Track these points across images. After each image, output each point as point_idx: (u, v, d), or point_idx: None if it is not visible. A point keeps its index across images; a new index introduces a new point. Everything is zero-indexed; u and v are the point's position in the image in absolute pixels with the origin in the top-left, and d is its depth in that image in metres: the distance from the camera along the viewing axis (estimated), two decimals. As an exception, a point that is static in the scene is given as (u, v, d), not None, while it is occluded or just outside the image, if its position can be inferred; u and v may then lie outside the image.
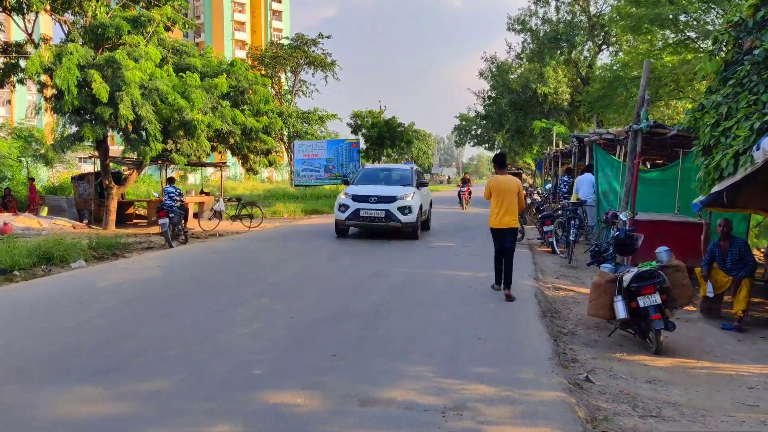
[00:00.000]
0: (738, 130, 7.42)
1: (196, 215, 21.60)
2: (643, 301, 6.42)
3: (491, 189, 8.76)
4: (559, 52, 37.64)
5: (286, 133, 45.45)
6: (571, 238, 12.05)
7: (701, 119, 8.66)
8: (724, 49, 9.28)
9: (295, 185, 42.50)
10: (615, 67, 26.00)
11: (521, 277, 10.14)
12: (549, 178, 30.46)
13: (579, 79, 37.83)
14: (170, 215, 14.33)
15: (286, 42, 53.93)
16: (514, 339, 6.42)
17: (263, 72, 47.36)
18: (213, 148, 22.17)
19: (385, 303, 7.89)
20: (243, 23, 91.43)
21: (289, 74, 54.04)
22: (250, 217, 19.42)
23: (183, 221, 15.13)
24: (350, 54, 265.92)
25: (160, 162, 21.74)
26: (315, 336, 6.26)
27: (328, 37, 51.09)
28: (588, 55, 38.67)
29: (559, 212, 14.47)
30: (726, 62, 8.84)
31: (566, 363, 5.90)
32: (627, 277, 6.53)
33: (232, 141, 21.82)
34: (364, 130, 46.23)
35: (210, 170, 44.92)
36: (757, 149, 6.83)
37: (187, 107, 17.96)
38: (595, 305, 6.80)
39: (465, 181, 30.78)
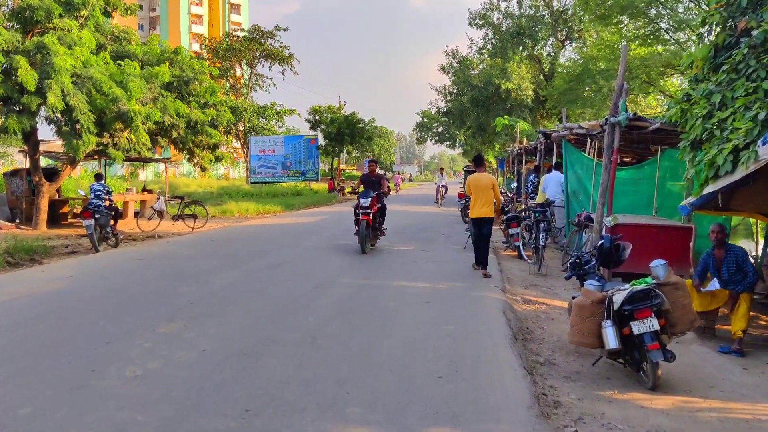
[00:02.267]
0: (736, 122, 6.34)
1: (137, 214, 20.03)
2: (637, 327, 5.24)
3: (470, 185, 10.24)
4: (521, 47, 36.78)
5: (242, 128, 43.68)
6: (541, 242, 10.89)
7: (689, 110, 7.59)
8: (714, 32, 8.24)
9: (251, 182, 40.86)
10: (580, 61, 25.09)
11: (487, 288, 8.95)
12: (511, 177, 29.51)
13: (542, 76, 37.05)
14: (96, 216, 12.78)
15: (242, 34, 52.00)
16: (481, 376, 5.13)
17: (218, 65, 45.44)
18: (155, 143, 20.49)
19: (322, 326, 6.51)
20: (200, 16, 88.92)
21: (245, 67, 52.16)
22: (194, 216, 17.92)
23: (112, 222, 13.54)
24: (311, 50, 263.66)
25: (97, 157, 20.07)
26: (227, 378, 4.86)
27: (285, 29, 49.43)
28: (551, 50, 37.93)
29: (526, 213, 13.37)
30: (716, 46, 7.78)
31: (548, 410, 4.66)
32: (618, 298, 5.33)
33: (175, 135, 20.18)
34: (323, 126, 44.67)
35: (162, 166, 42.93)
36: (764, 143, 5.74)
37: (123, 97, 16.39)
38: (578, 331, 5.56)
39: (369, 183, 12.99)
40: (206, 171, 23.37)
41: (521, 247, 12.37)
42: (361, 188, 13.06)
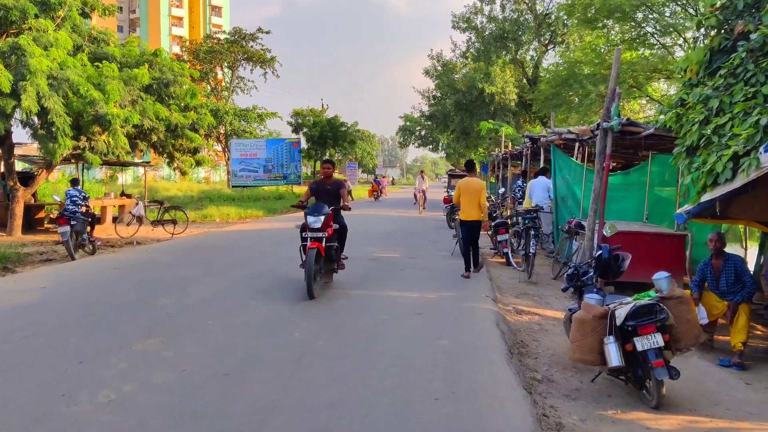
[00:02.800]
0: (736, 128, 6.14)
1: (115, 219, 19.56)
2: (641, 344, 5.00)
3: (461, 190, 10.47)
4: (505, 51, 36.73)
5: (223, 131, 43.14)
6: (531, 250, 10.65)
7: (685, 116, 7.40)
8: (710, 35, 8.07)
9: (232, 186, 40.35)
10: (563, 66, 24.97)
11: (478, 298, 8.69)
12: (495, 181, 29.34)
13: (525, 80, 37.03)
14: (72, 222, 12.33)
15: (223, 36, 51.42)
16: (479, 397, 4.85)
17: (199, 67, 44.85)
18: (134, 146, 20.01)
19: (309, 343, 6.19)
20: (181, 18, 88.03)
21: (226, 70, 51.59)
22: (173, 222, 17.49)
23: (89, 229, 13.10)
24: (293, 54, 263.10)
25: (74, 161, 19.57)
26: (208, 403, 4.52)
27: (267, 32, 48.98)
28: (534, 54, 37.94)
29: (514, 219, 13.17)
30: (712, 50, 7.61)
31: (550, 434, 4.40)
32: (620, 313, 5.08)
33: (155, 138, 19.71)
34: (305, 129, 44.33)
35: (142, 170, 42.20)
36: (765, 150, 5.55)
37: (101, 100, 15.96)
38: (579, 348, 5.30)
39: (322, 193, 9.18)
40: (186, 175, 22.83)
41: (510, 254, 12.13)
42: (312, 201, 9.23)
